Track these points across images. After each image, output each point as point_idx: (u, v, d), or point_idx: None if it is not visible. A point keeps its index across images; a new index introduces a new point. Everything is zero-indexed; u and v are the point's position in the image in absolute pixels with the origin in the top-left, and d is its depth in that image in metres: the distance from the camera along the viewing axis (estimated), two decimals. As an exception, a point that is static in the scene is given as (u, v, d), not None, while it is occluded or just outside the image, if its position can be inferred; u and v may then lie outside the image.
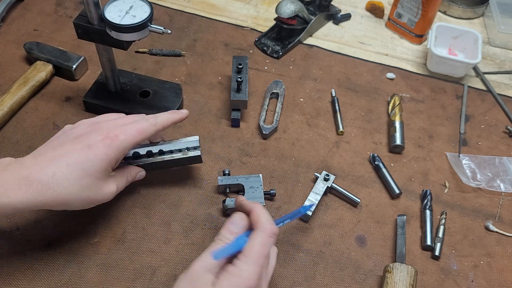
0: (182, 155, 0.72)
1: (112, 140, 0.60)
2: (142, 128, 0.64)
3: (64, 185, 0.57)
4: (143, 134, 0.64)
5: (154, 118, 0.66)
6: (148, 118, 0.65)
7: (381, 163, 0.80)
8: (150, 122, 0.65)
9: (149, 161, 0.71)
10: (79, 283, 0.64)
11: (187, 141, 0.72)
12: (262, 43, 0.99)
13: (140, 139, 0.64)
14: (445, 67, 0.95)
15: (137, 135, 0.63)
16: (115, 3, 0.71)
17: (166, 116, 0.68)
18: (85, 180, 0.58)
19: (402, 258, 0.68)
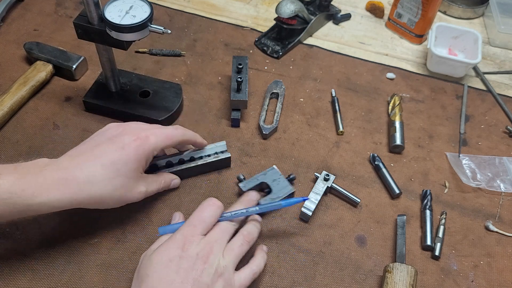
0: (214, 158, 0.75)
1: (143, 141, 0.64)
2: (171, 133, 0.68)
3: (99, 185, 0.60)
4: (172, 139, 0.68)
5: (182, 129, 0.71)
6: (178, 127, 0.70)
7: (381, 163, 0.80)
8: (178, 130, 0.70)
9: (183, 167, 0.74)
10: (79, 283, 0.64)
11: (215, 146, 0.76)
12: (262, 43, 0.99)
13: (169, 143, 0.68)
14: (445, 67, 0.95)
15: (166, 139, 0.67)
16: (115, 3, 0.71)
17: (193, 134, 0.72)
18: (118, 179, 0.62)
19: (402, 258, 0.68)
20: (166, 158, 0.74)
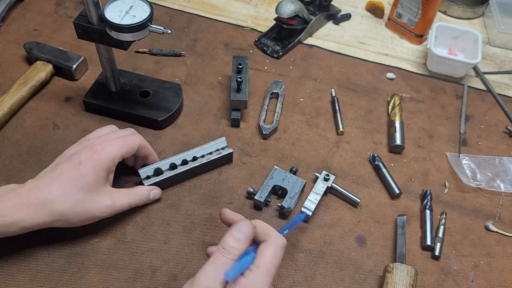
0: (217, 155, 0.75)
1: (99, 153, 0.65)
2: (128, 140, 0.68)
3: (59, 201, 0.62)
4: (129, 145, 0.68)
5: (139, 135, 0.71)
6: (135, 133, 0.70)
7: (381, 163, 0.80)
8: (136, 136, 0.69)
9: (187, 168, 0.74)
10: (79, 283, 0.64)
11: (216, 143, 0.77)
12: (262, 43, 0.99)
13: (126, 151, 0.67)
14: (445, 67, 0.95)
15: (123, 146, 0.67)
16: (115, 3, 0.71)
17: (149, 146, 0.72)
18: (78, 194, 0.63)
19: (402, 258, 0.68)
20: (168, 160, 0.74)
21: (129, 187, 0.74)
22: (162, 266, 0.67)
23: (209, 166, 0.77)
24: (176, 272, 0.67)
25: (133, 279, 0.65)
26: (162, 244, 0.69)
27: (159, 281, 0.66)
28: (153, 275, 0.66)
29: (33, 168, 0.76)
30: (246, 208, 0.74)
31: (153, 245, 0.69)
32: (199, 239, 0.70)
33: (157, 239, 0.70)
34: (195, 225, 0.72)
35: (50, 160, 0.76)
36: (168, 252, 0.68)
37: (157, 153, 0.79)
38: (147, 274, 0.66)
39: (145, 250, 0.68)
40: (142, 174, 0.72)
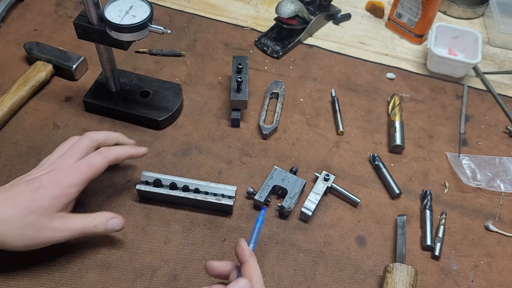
0: (215, 200, 0.71)
1: (61, 182, 0.62)
2: (92, 162, 0.64)
3: (8, 222, 0.58)
4: (93, 168, 0.64)
5: (106, 151, 0.66)
6: (101, 151, 0.66)
7: (381, 163, 0.80)
8: (101, 155, 0.65)
9: (183, 195, 0.71)
10: (79, 283, 0.64)
11: (225, 188, 0.72)
12: (262, 43, 0.99)
13: (91, 175, 0.64)
14: (445, 67, 0.95)
15: (87, 171, 0.63)
16: (115, 3, 0.71)
17: (121, 150, 0.68)
18: (28, 217, 0.59)
19: (402, 258, 0.68)
20: (172, 177, 0.72)
21: (123, 187, 0.75)
22: (162, 266, 0.67)
23: (205, 206, 0.72)
24: (176, 272, 0.67)
25: (133, 279, 0.65)
26: (162, 244, 0.69)
27: (159, 281, 0.66)
28: (153, 275, 0.66)
29: (33, 168, 0.76)
30: (246, 208, 0.74)
31: (153, 245, 0.69)
32: (199, 239, 0.70)
33: (157, 239, 0.70)
34: (195, 225, 0.72)
35: (50, 160, 0.77)
36: (168, 252, 0.68)
37: (157, 153, 0.79)
38: (147, 274, 0.66)
39: (145, 250, 0.68)
40: (142, 177, 0.72)
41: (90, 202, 0.73)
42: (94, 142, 0.67)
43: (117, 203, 0.73)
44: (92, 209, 0.72)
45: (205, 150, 0.81)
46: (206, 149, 0.81)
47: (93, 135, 0.68)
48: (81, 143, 0.66)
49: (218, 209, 0.72)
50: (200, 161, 0.79)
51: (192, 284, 0.66)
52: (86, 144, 0.66)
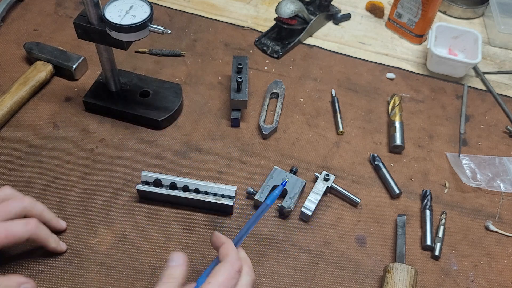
0: (215, 200, 0.71)
1: None
2: (13, 232, 0.59)
3: None
4: (10, 238, 0.59)
5: (35, 226, 0.61)
6: (28, 223, 0.61)
7: (381, 163, 0.80)
8: (26, 229, 0.60)
9: (183, 195, 0.71)
10: (79, 283, 0.64)
11: (225, 188, 0.72)
12: (262, 43, 0.99)
13: (5, 243, 0.59)
14: (445, 67, 0.95)
15: (2, 238, 0.59)
16: (115, 3, 0.71)
17: (46, 235, 0.64)
18: None
19: (402, 258, 0.68)
20: (172, 177, 0.72)
21: (123, 187, 0.75)
22: (162, 266, 0.66)
23: (205, 206, 0.72)
24: (176, 272, 0.67)
25: (133, 279, 0.65)
26: (162, 244, 0.69)
27: (159, 281, 0.65)
28: (153, 275, 0.66)
29: (33, 168, 0.76)
30: (246, 208, 0.74)
31: (153, 245, 0.69)
32: (199, 239, 0.70)
33: (157, 239, 0.70)
34: (195, 225, 0.72)
35: (50, 160, 0.77)
36: (168, 252, 0.68)
37: (157, 153, 0.79)
38: (147, 274, 0.66)
39: (145, 250, 0.68)
40: (142, 177, 0.72)
41: (90, 203, 0.73)
42: (26, 212, 0.63)
43: (117, 203, 0.73)
44: (92, 209, 0.72)
45: (205, 150, 0.81)
46: (206, 149, 0.81)
47: (29, 204, 0.63)
48: (12, 206, 0.62)
49: (218, 209, 0.72)
50: (200, 161, 0.79)
51: (192, 284, 0.66)
52: (17, 209, 0.62)
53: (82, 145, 0.80)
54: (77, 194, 0.73)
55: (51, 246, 0.65)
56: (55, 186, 0.72)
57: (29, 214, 0.64)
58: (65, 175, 0.75)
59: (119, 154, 0.79)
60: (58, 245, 0.66)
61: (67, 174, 0.76)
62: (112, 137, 0.81)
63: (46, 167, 0.76)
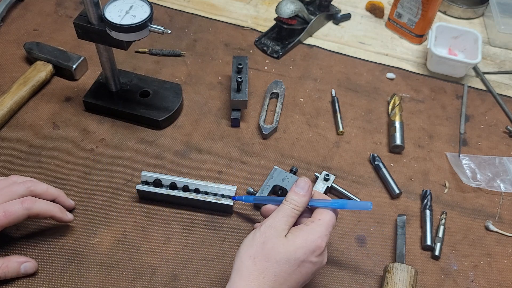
0: (215, 200, 0.71)
1: None
2: (10, 211, 0.61)
3: None
4: (10, 218, 0.61)
5: (31, 202, 0.63)
6: (24, 201, 0.63)
7: (381, 163, 0.80)
8: (23, 206, 0.62)
9: (183, 195, 0.71)
10: (79, 283, 0.64)
11: (225, 188, 0.72)
12: (262, 43, 0.99)
13: (6, 223, 0.61)
14: (445, 67, 0.95)
15: (2, 218, 0.61)
16: (115, 3, 0.71)
17: (47, 207, 0.65)
18: None
19: (402, 258, 0.68)
20: (171, 177, 0.72)
21: (123, 187, 0.75)
22: (162, 266, 0.67)
23: (205, 206, 0.72)
24: (176, 272, 0.67)
25: (133, 279, 0.65)
26: (162, 244, 0.69)
27: (159, 281, 0.65)
28: (153, 275, 0.66)
29: (33, 168, 0.76)
30: (246, 208, 0.74)
31: (153, 245, 0.69)
32: (199, 239, 0.70)
33: (157, 239, 0.70)
34: (195, 225, 0.72)
35: (50, 160, 0.77)
36: (168, 252, 0.68)
37: (157, 153, 0.79)
38: (147, 274, 0.66)
39: (145, 250, 0.68)
40: (142, 177, 0.72)
41: (90, 203, 0.73)
42: (29, 192, 0.65)
43: (117, 203, 0.73)
44: (92, 209, 0.72)
45: (205, 150, 0.81)
46: (206, 149, 0.81)
47: (32, 185, 0.65)
48: (14, 189, 0.64)
49: (218, 209, 0.72)
50: (200, 161, 0.79)
51: (192, 284, 0.66)
52: (20, 191, 0.64)
53: (82, 145, 0.80)
54: (77, 194, 0.73)
55: (57, 216, 0.66)
56: (55, 186, 0.72)
57: (34, 193, 0.65)
58: (65, 175, 0.75)
59: (119, 154, 0.79)
60: (64, 215, 0.67)
61: (67, 174, 0.76)
62: (112, 137, 0.81)
63: (46, 167, 0.76)
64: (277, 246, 0.55)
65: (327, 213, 0.58)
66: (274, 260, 0.54)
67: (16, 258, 0.64)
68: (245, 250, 0.56)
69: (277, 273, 0.54)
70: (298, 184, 0.59)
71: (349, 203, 0.59)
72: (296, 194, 0.59)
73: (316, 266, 0.57)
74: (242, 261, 0.55)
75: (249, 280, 0.54)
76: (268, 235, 0.56)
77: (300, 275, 0.55)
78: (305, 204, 0.59)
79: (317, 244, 0.55)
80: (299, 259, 0.55)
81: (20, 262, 0.63)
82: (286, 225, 0.57)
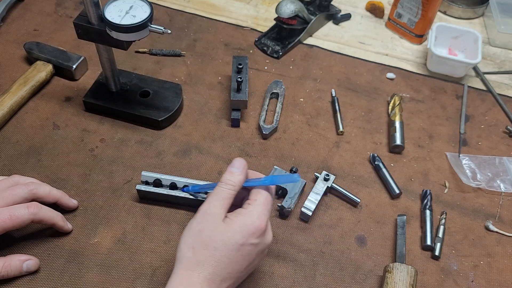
0: None
1: None
2: (16, 215, 0.62)
3: None
4: (15, 221, 0.62)
5: (37, 208, 0.64)
6: (30, 206, 0.63)
7: (381, 163, 0.80)
8: (29, 211, 0.63)
9: (182, 194, 0.71)
10: (79, 283, 0.64)
11: None
12: (262, 43, 0.99)
13: (11, 226, 0.62)
14: (445, 67, 0.95)
15: (8, 222, 0.61)
16: (115, 3, 0.71)
17: (51, 215, 0.66)
18: None
19: (402, 258, 0.68)
20: (172, 177, 0.72)
21: (123, 187, 0.75)
22: (162, 266, 0.67)
23: None
24: (176, 272, 0.67)
25: (133, 279, 0.65)
26: (162, 244, 0.69)
27: (159, 281, 0.65)
28: (153, 275, 0.66)
29: (33, 168, 0.76)
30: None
31: (153, 245, 0.69)
32: (199, 239, 0.70)
33: (157, 239, 0.70)
34: (195, 225, 0.72)
35: (50, 160, 0.77)
36: (168, 252, 0.68)
37: (157, 153, 0.79)
38: (147, 274, 0.66)
39: (145, 250, 0.68)
40: (142, 177, 0.72)
41: (90, 203, 0.73)
42: (32, 195, 0.65)
43: (117, 203, 0.73)
44: (92, 209, 0.72)
45: (205, 150, 0.81)
46: (206, 149, 0.81)
47: (34, 187, 0.66)
48: (17, 191, 0.64)
49: None
50: (200, 161, 0.79)
51: (192, 284, 0.66)
52: (23, 194, 0.64)
53: (82, 145, 0.80)
54: (77, 194, 0.73)
55: (59, 224, 0.67)
56: (55, 186, 0.72)
57: (36, 196, 0.66)
58: (65, 175, 0.75)
59: (119, 154, 0.79)
60: (65, 224, 0.68)
61: (67, 174, 0.76)
62: (112, 137, 0.81)
63: (46, 167, 0.76)
64: (214, 233, 0.55)
65: (262, 192, 0.59)
66: (213, 247, 0.54)
67: (18, 256, 0.64)
68: (184, 240, 0.56)
69: (217, 259, 0.54)
70: (233, 164, 0.60)
71: (279, 178, 0.59)
72: (231, 173, 0.59)
73: (258, 247, 0.57)
74: (182, 252, 0.56)
75: (190, 269, 0.54)
76: (205, 223, 0.56)
77: (242, 258, 0.56)
78: (240, 183, 0.59)
79: (255, 225, 0.56)
80: (238, 243, 0.55)
81: (22, 260, 0.64)
82: (222, 209, 0.57)
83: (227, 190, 0.58)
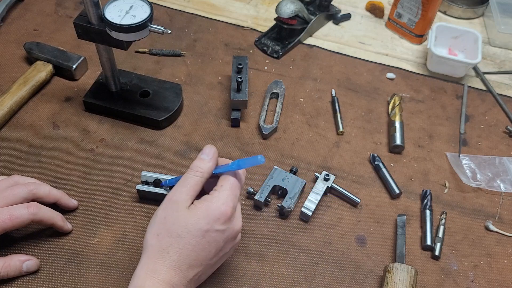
0: None
1: None
2: (16, 215, 0.62)
3: None
4: (15, 221, 0.62)
5: (36, 208, 0.64)
6: (30, 206, 0.63)
7: (381, 163, 0.80)
8: (28, 211, 0.63)
9: None
10: (79, 283, 0.64)
11: None
12: (262, 43, 0.99)
13: (11, 226, 0.61)
14: (445, 67, 0.95)
15: (7, 222, 0.61)
16: (115, 3, 0.71)
17: (51, 215, 0.66)
18: None
19: (402, 258, 0.68)
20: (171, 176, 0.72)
21: (123, 187, 0.75)
22: (162, 266, 0.67)
23: None
24: (176, 272, 0.66)
25: (133, 279, 0.65)
26: (162, 244, 0.69)
27: (159, 281, 0.65)
28: (153, 275, 0.66)
29: (33, 168, 0.76)
30: (246, 208, 0.74)
31: (153, 245, 0.69)
32: (199, 239, 0.70)
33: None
34: (195, 225, 0.72)
35: (50, 160, 0.77)
36: (168, 252, 0.68)
37: (157, 153, 0.79)
38: (147, 274, 0.66)
39: (145, 250, 0.68)
40: (142, 177, 0.72)
41: (90, 203, 0.73)
42: (32, 195, 0.65)
43: (117, 203, 0.73)
44: (92, 209, 0.72)
45: (205, 150, 0.81)
46: (206, 149, 0.81)
47: (34, 188, 0.66)
48: (17, 191, 0.64)
49: None
50: (200, 161, 0.79)
51: (192, 284, 0.65)
52: (23, 194, 0.64)
53: (82, 145, 0.80)
54: (77, 194, 0.73)
55: (58, 224, 0.67)
56: (55, 186, 0.72)
57: (36, 196, 0.66)
58: (65, 175, 0.75)
59: (119, 154, 0.79)
60: (64, 224, 0.68)
61: (67, 174, 0.76)
62: (112, 137, 0.81)
63: (46, 167, 0.76)
64: (178, 220, 0.55)
65: (229, 178, 0.58)
66: (176, 233, 0.54)
67: (18, 256, 0.64)
68: (150, 228, 0.56)
69: (182, 246, 0.54)
70: (203, 151, 0.60)
71: (244, 161, 0.59)
72: (201, 160, 0.59)
73: (225, 233, 0.56)
74: (147, 240, 0.56)
75: (155, 257, 0.54)
76: (169, 210, 0.56)
77: (208, 244, 0.55)
78: (210, 170, 0.59)
79: (221, 211, 0.55)
80: (202, 229, 0.54)
81: (22, 260, 0.64)
82: (188, 196, 0.57)
83: (194, 177, 0.58)
